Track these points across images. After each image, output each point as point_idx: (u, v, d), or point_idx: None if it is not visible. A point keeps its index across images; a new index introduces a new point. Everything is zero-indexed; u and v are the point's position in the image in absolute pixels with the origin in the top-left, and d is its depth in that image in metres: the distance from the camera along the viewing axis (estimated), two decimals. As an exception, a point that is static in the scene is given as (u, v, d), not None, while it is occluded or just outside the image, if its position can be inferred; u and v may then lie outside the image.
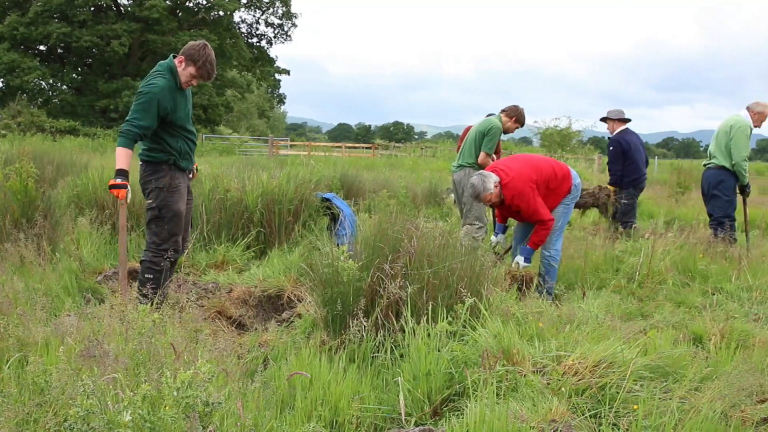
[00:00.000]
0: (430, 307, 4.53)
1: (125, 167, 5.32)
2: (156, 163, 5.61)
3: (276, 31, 55.59)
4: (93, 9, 46.36)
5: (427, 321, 4.33)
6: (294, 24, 55.34)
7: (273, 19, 54.79)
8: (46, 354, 3.85)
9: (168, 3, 46.78)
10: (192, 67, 5.56)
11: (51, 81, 46.71)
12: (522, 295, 6.31)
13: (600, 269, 7.63)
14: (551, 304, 5.74)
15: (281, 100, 70.02)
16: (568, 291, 7.05)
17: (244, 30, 54.82)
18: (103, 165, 10.62)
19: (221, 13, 49.93)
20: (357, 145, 57.97)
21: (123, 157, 5.33)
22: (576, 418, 3.54)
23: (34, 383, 3.30)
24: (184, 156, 5.72)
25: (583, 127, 41.00)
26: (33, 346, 3.96)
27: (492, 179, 6.55)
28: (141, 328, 3.77)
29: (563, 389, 3.77)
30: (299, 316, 5.80)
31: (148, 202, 5.62)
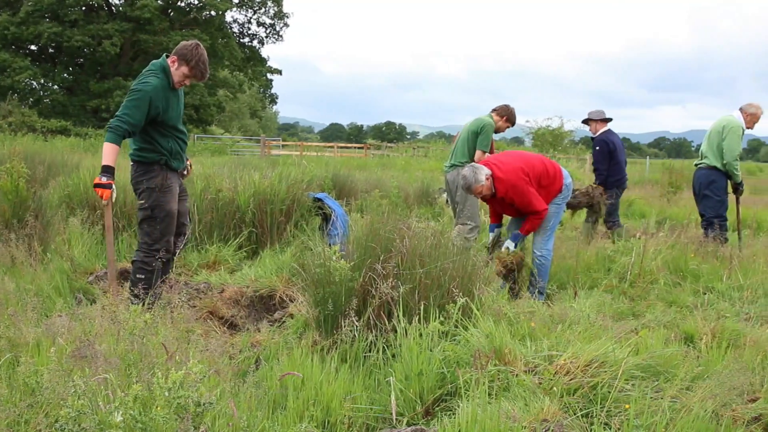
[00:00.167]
0: (422, 307, 4.53)
1: (111, 164, 5.29)
2: (147, 164, 5.60)
3: (268, 31, 55.60)
4: (84, 9, 46.21)
5: (419, 321, 4.33)
6: (286, 24, 55.36)
7: (265, 19, 54.79)
8: (37, 354, 3.84)
9: (159, 3, 46.69)
10: (185, 67, 5.56)
11: (42, 81, 46.54)
12: (512, 280, 6.44)
13: (592, 269, 7.64)
14: (543, 303, 5.75)
15: (273, 100, 70.01)
16: (559, 291, 7.07)
17: (235, 30, 54.79)
18: (95, 165, 10.59)
19: (213, 13, 49.84)
20: (349, 145, 57.96)
21: (110, 154, 5.31)
22: (568, 417, 3.55)
23: (25, 384, 3.29)
24: (175, 156, 5.71)
25: (575, 127, 41.06)
26: (24, 346, 3.95)
27: (484, 171, 6.56)
28: (132, 328, 3.76)
29: (555, 389, 3.77)
30: (291, 316, 5.79)
31: (140, 202, 5.61)
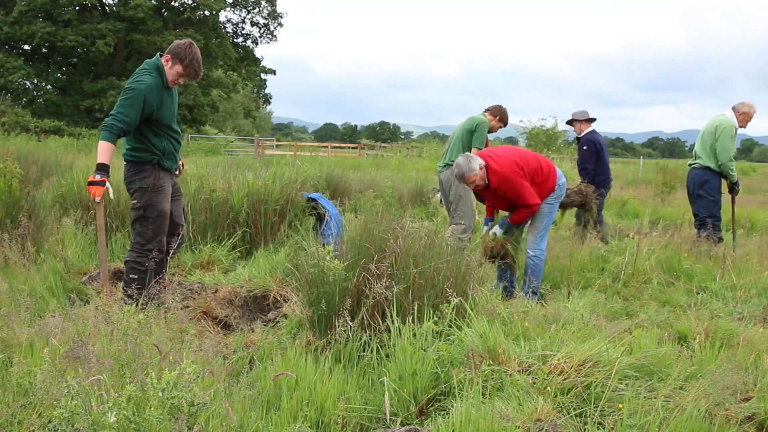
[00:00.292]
0: (415, 307, 4.53)
1: (106, 162, 5.28)
2: (140, 163, 5.59)
3: (262, 31, 55.52)
4: (78, 8, 46.11)
5: (413, 321, 4.34)
6: (280, 24, 55.28)
7: (258, 19, 54.72)
8: (30, 355, 3.83)
9: (153, 2, 46.62)
10: (179, 66, 5.57)
11: (35, 81, 46.47)
12: (506, 273, 6.67)
13: (585, 268, 7.65)
14: (537, 303, 5.76)
15: (267, 100, 69.93)
16: (553, 290, 7.07)
17: (229, 30, 54.68)
18: (88, 165, 10.56)
19: (207, 13, 49.75)
20: (343, 145, 58.00)
21: (105, 152, 5.30)
22: (561, 417, 3.55)
23: (18, 385, 3.29)
24: (168, 156, 5.70)
25: (569, 127, 40.98)
26: (17, 347, 3.94)
27: (477, 161, 6.55)
28: (126, 328, 3.75)
29: (549, 388, 3.78)
30: (285, 316, 5.78)
31: (132, 202, 5.60)
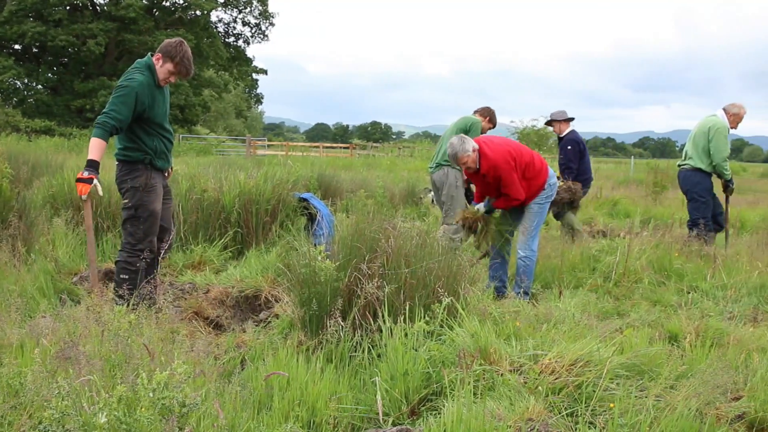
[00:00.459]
0: (407, 307, 4.53)
1: (97, 158, 5.27)
2: (132, 163, 5.58)
3: (253, 31, 55.46)
4: (68, 8, 45.98)
5: (405, 321, 4.34)
6: (271, 23, 55.25)
7: (250, 19, 54.67)
8: (20, 356, 3.82)
9: (144, 2, 46.52)
10: (170, 64, 5.57)
11: (26, 80, 46.31)
12: (472, 235, 6.95)
13: (577, 268, 7.67)
14: (528, 303, 5.77)
15: (259, 99, 69.87)
16: (545, 290, 7.09)
17: (221, 29, 54.60)
18: (79, 165, 10.52)
19: (198, 13, 49.68)
20: (335, 145, 58.01)
21: (97, 148, 5.28)
22: (553, 416, 3.56)
23: (8, 385, 3.27)
24: (160, 155, 5.69)
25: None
26: (8, 347, 3.93)
27: (471, 143, 6.58)
28: (117, 329, 3.74)
29: (540, 388, 3.78)
30: (276, 316, 5.78)
31: (124, 201, 5.59)
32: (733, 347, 4.83)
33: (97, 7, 47.69)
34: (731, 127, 9.13)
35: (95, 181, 5.20)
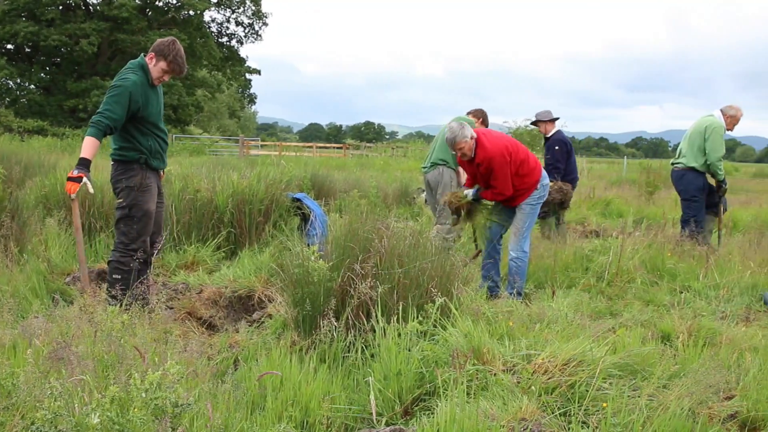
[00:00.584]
0: (400, 307, 4.53)
1: (89, 157, 5.26)
2: (127, 162, 5.59)
3: (246, 31, 55.40)
4: (61, 8, 45.84)
5: (398, 321, 4.34)
6: (264, 23, 55.14)
7: (243, 19, 54.58)
8: (13, 356, 3.81)
9: (137, 2, 46.40)
10: (163, 63, 5.59)
11: (18, 80, 46.16)
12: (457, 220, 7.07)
13: (570, 268, 7.68)
14: (521, 303, 5.77)
15: (252, 99, 69.78)
16: (537, 290, 7.10)
17: (214, 29, 54.51)
18: (72, 165, 10.46)
19: (191, 13, 49.60)
20: (328, 145, 57.97)
21: (90, 147, 5.29)
22: (546, 416, 3.57)
23: (0, 386, 3.26)
24: (155, 155, 5.69)
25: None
26: (0, 348, 3.92)
27: (470, 131, 6.64)
28: (110, 329, 3.74)
29: (533, 388, 3.79)
30: (270, 316, 5.78)
31: (118, 201, 5.59)
32: (726, 347, 4.85)
33: (90, 7, 47.55)
34: (727, 129, 9.17)
35: (85, 179, 5.19)
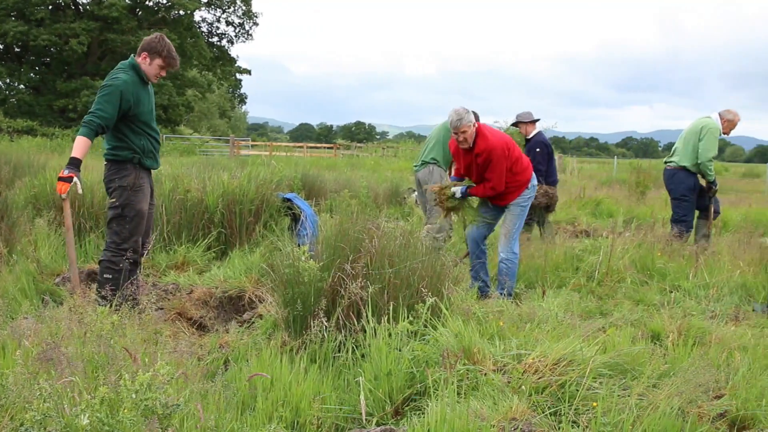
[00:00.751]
0: (391, 307, 4.53)
1: (79, 156, 5.27)
2: (121, 162, 5.59)
3: (237, 31, 55.29)
4: (51, 7, 45.69)
5: (388, 321, 4.34)
6: (255, 23, 55.04)
7: (233, 18, 54.48)
8: (2, 357, 3.80)
9: (127, 2, 46.29)
10: (159, 59, 5.64)
11: (8, 80, 46.02)
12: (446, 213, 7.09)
13: (560, 268, 7.70)
14: (512, 303, 5.78)
15: (242, 99, 69.72)
16: (528, 290, 7.11)
17: (204, 29, 54.39)
18: (62, 165, 10.44)
19: (181, 12, 49.49)
20: (319, 145, 57.95)
21: (81, 147, 5.30)
22: (536, 416, 3.57)
23: (-11, 387, 3.25)
24: (148, 154, 5.70)
25: (544, 127, 41.28)
26: (-11, 349, 3.91)
27: (473, 118, 6.64)
28: (100, 330, 3.73)
29: (523, 387, 3.79)
30: (260, 316, 5.77)
31: (111, 200, 5.58)
32: (715, 346, 4.86)
33: (80, 7, 47.41)
34: (724, 133, 9.22)
35: (75, 179, 5.18)
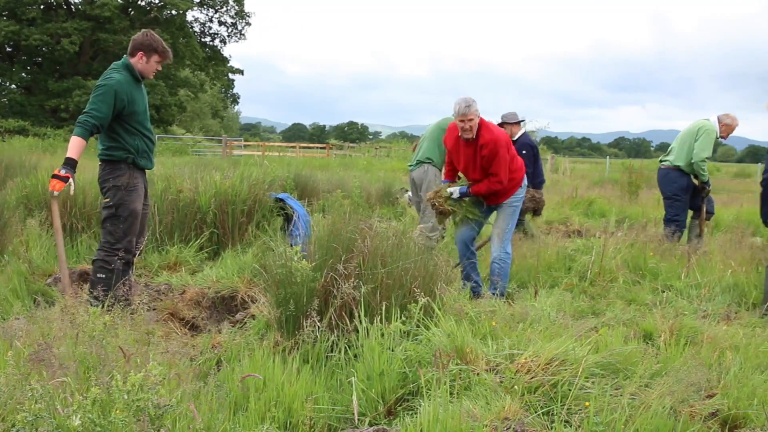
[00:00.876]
0: (383, 307, 4.54)
1: (75, 157, 5.29)
2: (115, 162, 5.60)
3: (229, 30, 55.17)
4: (43, 7, 45.51)
5: (381, 321, 4.35)
6: (248, 23, 54.92)
7: (226, 18, 54.38)
8: (-7, 358, 3.79)
9: (120, 1, 46.15)
10: (155, 55, 5.71)
11: (-1, 80, 45.95)
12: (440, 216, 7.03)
13: (552, 268, 7.71)
14: (504, 302, 5.79)
15: (235, 99, 69.60)
16: (520, 290, 7.12)
17: (196, 29, 54.23)
18: (53, 165, 10.44)
19: (174, 12, 49.38)
20: (311, 146, 57.91)
21: (76, 147, 5.31)
22: (529, 415, 3.58)
23: (-19, 388, 3.24)
24: (142, 154, 5.70)
25: (537, 128, 41.33)
26: (-20, 350, 3.90)
27: (478, 109, 6.61)
28: (92, 331, 3.72)
29: (516, 387, 3.80)
30: (253, 317, 5.76)
31: (105, 200, 5.59)
32: (707, 345, 4.87)
33: (72, 6, 47.26)
34: (721, 136, 9.27)
35: (70, 181, 5.19)
